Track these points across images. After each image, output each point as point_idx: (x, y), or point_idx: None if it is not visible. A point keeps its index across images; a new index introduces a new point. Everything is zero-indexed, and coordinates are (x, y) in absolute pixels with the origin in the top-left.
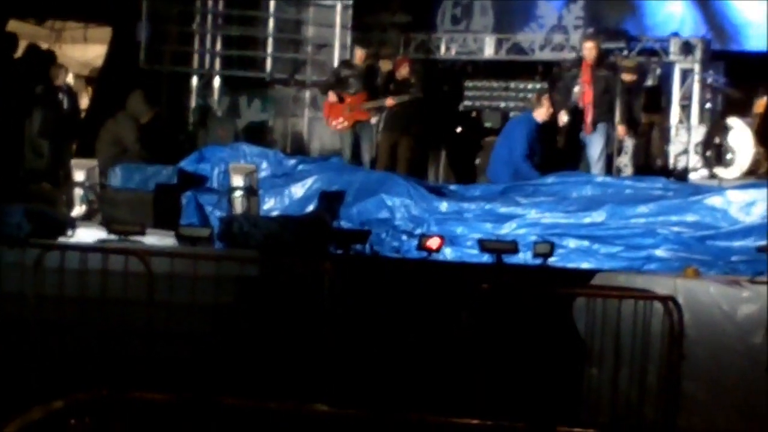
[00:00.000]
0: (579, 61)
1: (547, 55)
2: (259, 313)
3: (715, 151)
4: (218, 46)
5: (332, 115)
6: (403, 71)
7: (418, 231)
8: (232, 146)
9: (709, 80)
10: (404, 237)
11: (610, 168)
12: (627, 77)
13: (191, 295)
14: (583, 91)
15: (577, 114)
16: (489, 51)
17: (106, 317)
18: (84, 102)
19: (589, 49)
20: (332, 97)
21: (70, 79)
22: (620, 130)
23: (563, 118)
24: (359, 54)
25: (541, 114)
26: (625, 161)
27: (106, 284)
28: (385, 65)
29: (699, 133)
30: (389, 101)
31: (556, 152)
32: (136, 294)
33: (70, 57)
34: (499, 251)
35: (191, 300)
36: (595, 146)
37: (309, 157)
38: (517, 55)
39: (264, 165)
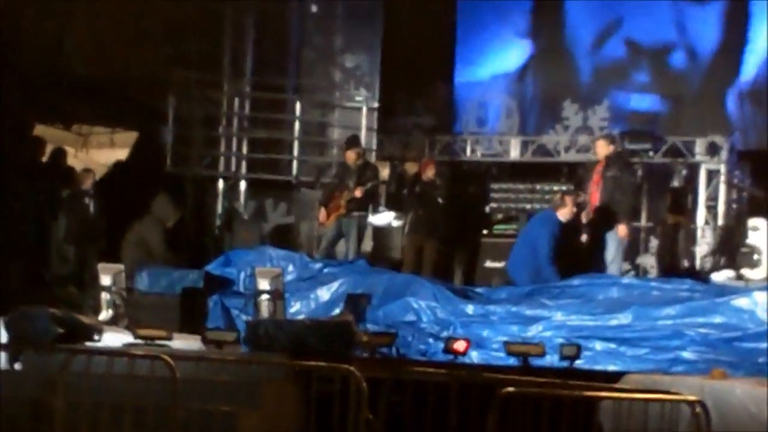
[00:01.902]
0: (594, 162)
1: (572, 156)
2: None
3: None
4: (244, 150)
5: (321, 215)
6: (429, 173)
7: (445, 334)
8: (257, 250)
9: (735, 181)
10: (430, 339)
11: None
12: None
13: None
14: (591, 192)
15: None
16: (514, 153)
17: (132, 421)
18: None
19: (598, 149)
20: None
21: None
22: (620, 230)
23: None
24: (349, 155)
25: (564, 213)
26: (651, 262)
27: (132, 389)
28: (410, 167)
29: (725, 233)
30: (357, 191)
31: (578, 251)
32: (162, 398)
33: (96, 161)
34: (526, 354)
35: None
36: (608, 248)
37: (334, 260)
38: (543, 156)
39: (290, 268)
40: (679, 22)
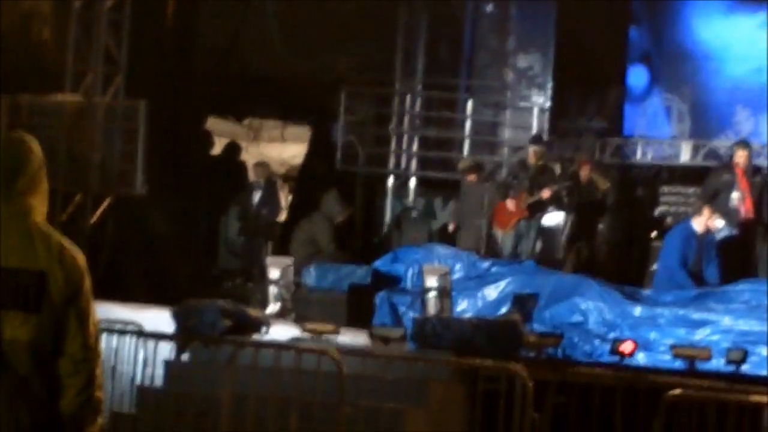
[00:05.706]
0: (726, 167)
1: None
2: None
3: None
4: (414, 147)
5: (498, 218)
6: (584, 173)
7: (611, 335)
8: (425, 247)
9: None
10: (597, 341)
11: None
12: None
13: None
14: (743, 198)
15: (742, 222)
16: (685, 157)
17: (298, 416)
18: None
19: (741, 157)
20: (510, 203)
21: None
22: None
23: (717, 224)
24: (532, 153)
25: (698, 222)
26: None
27: (299, 383)
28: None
29: None
30: (545, 193)
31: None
32: (328, 394)
33: (267, 155)
34: (692, 357)
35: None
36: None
37: (502, 260)
38: (714, 161)
39: (457, 267)
40: None
